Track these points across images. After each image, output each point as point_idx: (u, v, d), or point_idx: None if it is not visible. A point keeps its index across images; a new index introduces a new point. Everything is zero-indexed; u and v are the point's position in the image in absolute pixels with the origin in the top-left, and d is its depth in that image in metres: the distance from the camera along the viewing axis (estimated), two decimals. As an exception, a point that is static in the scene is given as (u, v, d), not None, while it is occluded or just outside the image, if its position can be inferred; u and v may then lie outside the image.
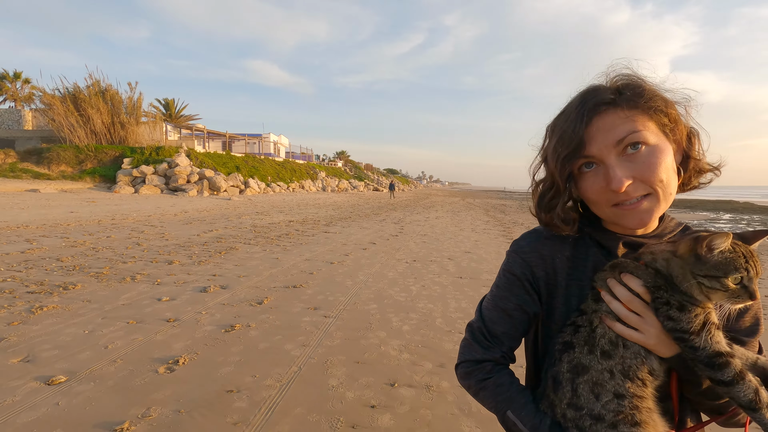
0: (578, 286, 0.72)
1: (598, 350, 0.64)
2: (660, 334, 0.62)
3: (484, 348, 0.75)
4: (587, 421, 0.62)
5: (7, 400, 2.30)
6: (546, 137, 0.73)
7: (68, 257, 6.02)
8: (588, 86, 0.68)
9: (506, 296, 0.76)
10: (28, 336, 3.18)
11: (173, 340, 3.20)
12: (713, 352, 0.58)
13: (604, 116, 0.64)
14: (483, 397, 0.75)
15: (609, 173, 0.64)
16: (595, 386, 0.62)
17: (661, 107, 0.65)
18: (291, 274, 5.53)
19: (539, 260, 0.74)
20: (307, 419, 2.23)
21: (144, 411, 2.24)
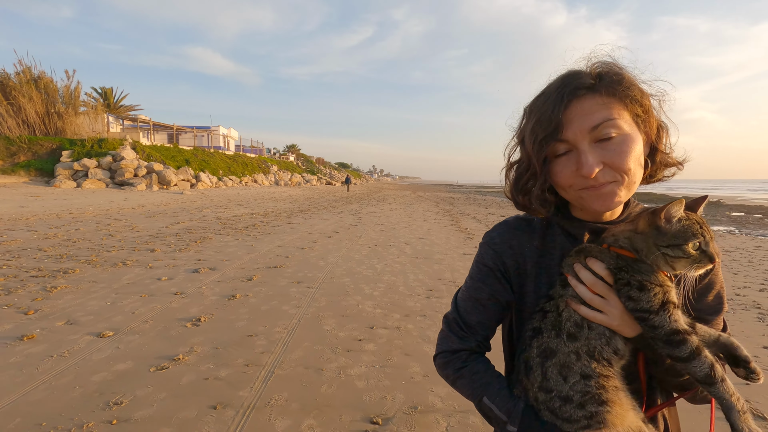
0: (547, 274, 0.74)
1: (564, 333, 0.66)
2: (623, 315, 0.63)
3: (459, 338, 0.77)
4: (557, 402, 0.64)
5: (75, 347, 2.94)
6: (523, 118, 0.72)
7: (49, 248, 6.31)
8: (569, 70, 0.68)
9: (479, 287, 0.77)
10: (58, 308, 3.73)
11: (188, 307, 3.89)
12: (671, 330, 0.60)
13: (583, 101, 0.64)
14: (460, 385, 0.76)
15: (581, 159, 0.64)
16: (563, 368, 0.65)
17: (637, 97, 0.65)
18: (269, 258, 6.24)
19: (509, 250, 0.76)
20: (313, 348, 3.07)
21: (189, 349, 2.98)
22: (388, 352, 3.07)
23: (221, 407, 2.25)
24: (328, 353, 3.00)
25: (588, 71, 0.67)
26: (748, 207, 24.78)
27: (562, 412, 0.64)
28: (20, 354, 2.80)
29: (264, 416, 2.18)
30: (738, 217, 18.65)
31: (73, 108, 25.85)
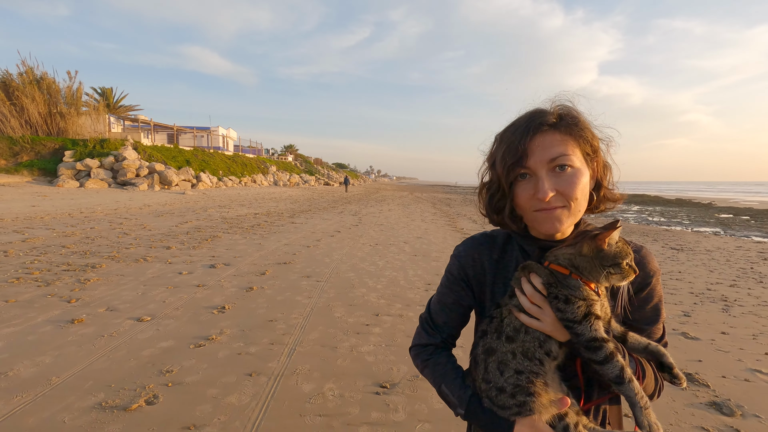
0: (503, 284, 0.86)
1: (503, 336, 0.78)
2: (555, 322, 0.74)
3: (428, 335, 0.92)
4: (494, 392, 0.77)
5: (120, 329, 3.38)
6: (494, 144, 0.83)
7: (71, 245, 6.73)
8: (536, 108, 0.80)
9: (446, 293, 0.90)
10: (96, 297, 4.17)
11: (211, 297, 4.33)
12: (590, 338, 0.71)
13: (545, 135, 0.76)
14: (426, 374, 0.90)
15: (538, 184, 0.75)
16: (500, 364, 0.77)
17: (588, 138, 0.78)
18: (277, 255, 6.69)
19: (471, 262, 0.88)
20: (327, 331, 3.53)
21: (219, 331, 3.42)
22: (393, 334, 3.52)
23: (255, 375, 2.70)
24: (341, 335, 3.45)
25: (551, 111, 0.78)
26: (737, 209, 25.37)
27: (498, 400, 0.76)
28: (75, 334, 3.24)
29: (292, 382, 2.64)
30: (726, 219, 19.20)
31: (75, 108, 26.16)
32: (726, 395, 2.68)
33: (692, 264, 7.42)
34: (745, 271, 6.86)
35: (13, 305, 3.84)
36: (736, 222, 17.50)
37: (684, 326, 4.03)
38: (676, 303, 4.85)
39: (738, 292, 5.43)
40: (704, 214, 21.35)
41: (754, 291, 5.54)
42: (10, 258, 5.67)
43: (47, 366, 2.71)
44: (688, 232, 13.73)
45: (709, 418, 2.42)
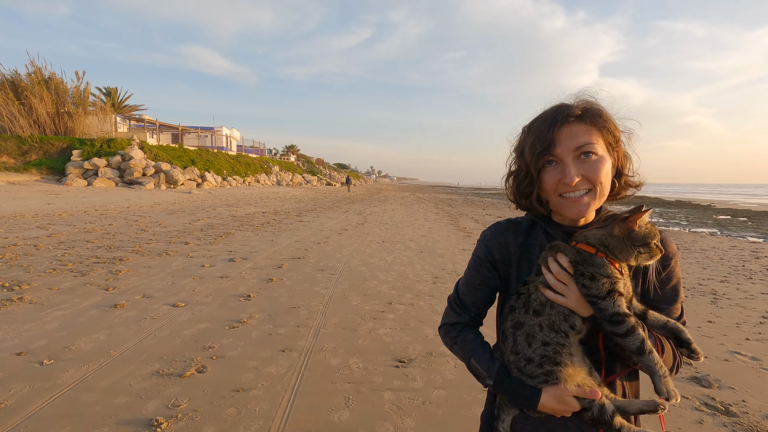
0: (528, 265, 0.92)
1: (531, 310, 0.84)
2: (579, 298, 0.80)
3: (456, 314, 0.99)
4: (522, 362, 0.84)
5: (159, 313, 3.72)
6: (522, 135, 0.90)
7: (94, 240, 7.07)
8: (561, 102, 0.87)
9: (474, 274, 0.97)
10: (130, 286, 4.51)
11: (236, 287, 4.67)
12: (613, 312, 0.76)
13: (572, 125, 0.83)
14: (456, 350, 0.97)
15: (565, 170, 0.82)
16: (528, 337, 0.83)
17: (611, 129, 0.85)
18: (291, 250, 7.03)
19: (498, 245, 0.95)
20: (346, 317, 3.86)
21: (249, 315, 3.76)
22: (406, 320, 3.86)
23: (288, 351, 3.04)
24: (359, 320, 3.79)
25: (576, 104, 0.85)
26: (735, 211, 25.68)
27: (527, 369, 0.82)
28: (120, 317, 3.58)
29: (320, 357, 2.98)
30: (723, 220, 19.52)
31: (83, 108, 26.53)
32: (706, 372, 3.02)
33: (686, 262, 7.74)
34: (737, 269, 7.19)
35: (57, 292, 4.18)
36: (733, 223, 17.82)
37: (674, 316, 4.36)
38: (667, 296, 5.18)
39: (727, 287, 5.76)
40: (702, 216, 21.67)
41: (743, 286, 5.87)
42: (41, 251, 6.02)
43: (103, 342, 3.05)
44: (685, 232, 14.06)
45: (689, 389, 2.76)
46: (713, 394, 2.68)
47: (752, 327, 4.06)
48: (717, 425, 2.33)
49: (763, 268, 7.27)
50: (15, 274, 4.78)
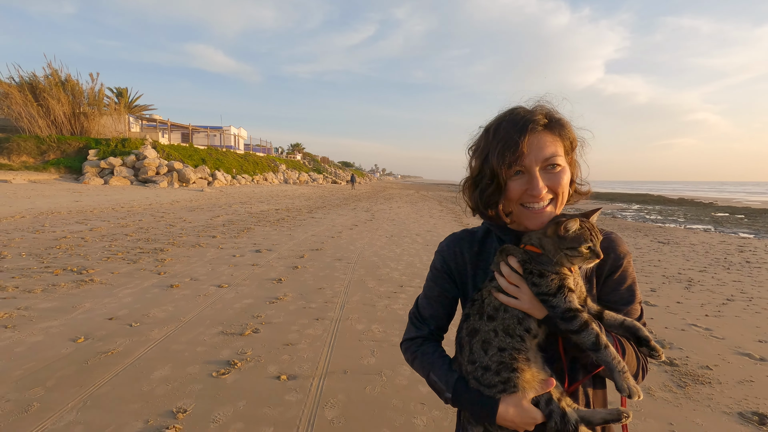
0: (483, 273, 0.93)
1: (485, 316, 0.83)
2: (532, 300, 0.80)
3: (417, 328, 0.99)
4: (479, 371, 0.81)
5: (208, 292, 4.44)
6: (484, 137, 0.88)
7: (131, 233, 7.83)
8: (526, 109, 0.86)
9: (432, 286, 0.98)
10: (177, 271, 5.24)
11: (267, 272, 5.39)
12: (565, 308, 0.76)
13: (539, 135, 0.82)
14: (416, 365, 0.95)
15: (533, 182, 0.82)
16: (484, 344, 0.82)
17: (571, 140, 0.87)
18: (308, 243, 7.74)
19: (453, 256, 0.96)
20: (365, 296, 4.57)
21: (283, 293, 4.47)
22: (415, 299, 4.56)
23: (321, 319, 3.74)
24: (375, 298, 4.49)
25: (540, 111, 0.85)
26: (734, 208, 26.14)
27: (484, 378, 0.81)
28: (178, 294, 4.31)
29: (348, 324, 3.68)
30: (720, 217, 20.04)
31: (97, 109, 27.40)
32: (663, 337, 3.69)
33: (673, 255, 8.38)
34: (718, 260, 7.82)
35: (119, 276, 4.92)
36: (729, 220, 18.35)
37: (648, 298, 5.02)
38: (647, 282, 5.84)
39: (704, 276, 6.40)
40: (701, 213, 22.18)
41: (718, 275, 6.51)
42: (90, 243, 6.77)
43: (171, 312, 3.78)
44: (680, 228, 14.64)
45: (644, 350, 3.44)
46: (666, 355, 3.36)
47: (714, 307, 4.72)
48: (660, 372, 3.01)
49: (743, 260, 7.88)
50: (77, 261, 5.53)
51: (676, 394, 2.69)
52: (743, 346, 3.54)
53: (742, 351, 3.43)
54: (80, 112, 26.80)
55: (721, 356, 3.32)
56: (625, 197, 40.67)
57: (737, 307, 4.70)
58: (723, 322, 4.15)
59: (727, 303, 4.89)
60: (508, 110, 0.88)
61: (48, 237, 7.16)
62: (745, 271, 6.88)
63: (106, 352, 2.90)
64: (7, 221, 8.68)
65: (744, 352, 3.40)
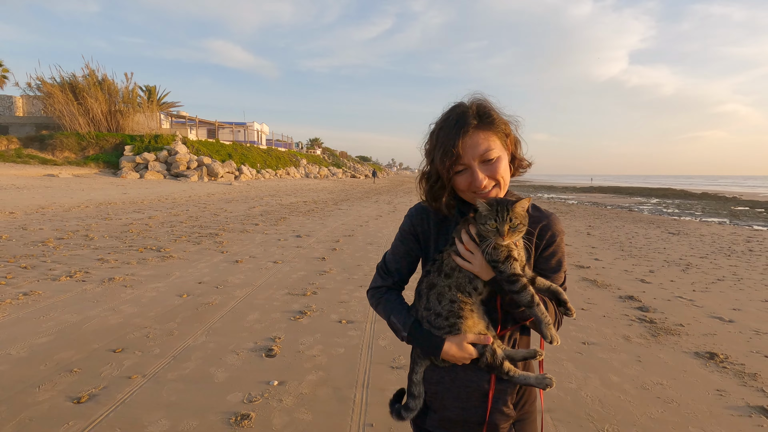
0: (444, 238, 1.08)
1: (443, 274, 1.01)
2: (482, 265, 0.97)
3: (382, 278, 1.14)
4: (432, 316, 1.01)
5: (267, 266, 5.35)
6: (430, 140, 1.04)
7: (185, 221, 8.86)
8: (460, 111, 1.00)
9: (399, 245, 1.14)
10: (236, 251, 6.18)
11: (310, 252, 6.28)
12: (510, 274, 0.95)
13: (472, 135, 0.97)
14: (379, 309, 1.12)
15: (474, 175, 0.98)
16: (439, 296, 1.00)
17: (503, 128, 1.01)
18: (340, 231, 8.63)
19: (420, 221, 1.11)
20: (397, 271, 5.40)
21: (329, 268, 5.35)
22: (440, 274, 5.37)
23: (364, 287, 4.59)
24: (406, 273, 5.32)
25: (471, 110, 1.00)
26: (756, 202, 25.95)
27: (435, 322, 1.01)
28: (244, 267, 5.23)
29: (386, 290, 4.52)
30: (739, 211, 20.12)
31: (132, 107, 28.94)
32: (649, 305, 4.41)
33: (679, 244, 8.95)
34: (722, 249, 8.35)
35: (191, 253, 5.88)
36: (747, 214, 18.46)
37: (645, 277, 5.71)
38: (647, 265, 6.50)
39: (703, 261, 7.01)
40: (720, 207, 22.21)
41: (718, 261, 7.10)
42: (154, 229, 7.81)
43: (244, 280, 4.69)
44: (694, 221, 14.97)
45: (632, 312, 4.17)
46: (648, 316, 4.09)
47: (703, 285, 5.38)
48: (640, 327, 3.76)
49: (746, 249, 8.40)
50: (152, 242, 6.54)
51: (648, 340, 3.44)
52: (717, 312, 4.24)
53: (715, 315, 4.13)
54: (116, 110, 28.37)
55: (695, 318, 4.03)
56: (645, 191, 40.35)
57: (724, 285, 5.35)
58: (707, 296, 4.83)
59: (716, 282, 5.54)
60: (447, 111, 1.03)
61: (117, 223, 8.24)
62: (745, 258, 7.43)
63: (207, 304, 3.82)
64: (78, 210, 9.86)
65: (716, 316, 4.10)
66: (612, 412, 2.34)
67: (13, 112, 30.68)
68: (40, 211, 9.42)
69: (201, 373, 2.56)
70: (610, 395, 2.51)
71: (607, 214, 16.40)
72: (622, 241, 9.00)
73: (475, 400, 1.01)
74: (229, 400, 2.29)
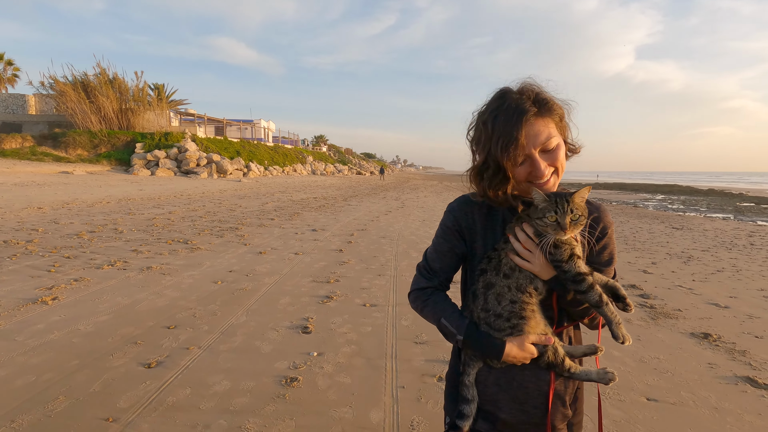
0: (492, 233, 1.04)
1: (501, 273, 0.97)
2: (543, 264, 0.94)
3: (426, 279, 1.08)
4: (492, 318, 0.97)
5: (290, 257, 5.68)
6: (482, 129, 0.97)
7: (203, 216, 9.22)
8: (516, 97, 0.94)
9: (442, 242, 1.07)
10: (257, 243, 6.52)
11: (328, 245, 6.61)
12: (576, 273, 0.91)
13: (533, 124, 0.93)
14: (426, 312, 1.06)
15: (535, 165, 0.94)
16: (498, 296, 0.97)
17: (559, 114, 0.97)
18: (353, 225, 8.96)
19: (464, 216, 1.05)
20: (411, 262, 5.71)
21: (348, 259, 5.68)
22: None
23: (381, 276, 4.92)
24: (420, 264, 5.64)
25: (527, 97, 0.95)
26: (762, 198, 25.99)
27: (495, 324, 0.97)
28: (268, 258, 5.57)
29: (402, 278, 4.83)
30: (744, 206, 20.23)
31: (142, 105, 29.40)
32: (650, 293, 4.70)
33: (682, 238, 9.20)
34: (724, 243, 8.59)
35: (216, 245, 6.24)
36: (753, 210, 18.58)
37: (648, 268, 5.99)
38: (649, 257, 6.78)
39: (704, 254, 7.27)
40: (725, 203, 22.32)
41: (719, 254, 7.36)
42: (176, 223, 8.18)
43: (270, 269, 5.03)
44: (699, 217, 15.15)
45: (634, 299, 4.46)
46: (648, 302, 4.38)
47: (703, 275, 5.66)
48: (641, 311, 4.05)
49: (748, 243, 8.64)
50: (178, 235, 6.91)
51: (648, 322, 3.75)
52: (715, 299, 4.53)
53: (712, 302, 4.42)
54: (127, 108, 28.83)
55: (693, 305, 4.33)
56: (650, 188, 40.35)
57: (723, 276, 5.62)
58: (706, 285, 5.11)
59: (716, 273, 5.81)
60: (497, 97, 0.97)
61: (141, 218, 8.62)
62: (746, 251, 7.67)
63: (241, 289, 4.17)
64: (100, 205, 10.26)
65: (713, 303, 4.39)
66: (613, 379, 2.65)
67: (26, 110, 31.23)
68: (66, 206, 9.83)
69: (248, 346, 2.91)
70: (612, 366, 2.82)
71: (611, 210, 16.62)
72: (627, 235, 9.25)
73: (534, 401, 0.99)
74: (276, 367, 2.62)
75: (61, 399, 2.19)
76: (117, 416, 2.06)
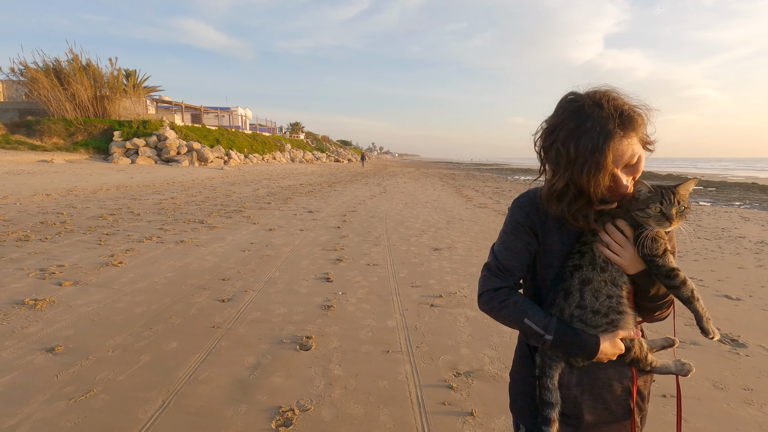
0: (567, 228, 0.99)
1: (598, 267, 0.95)
2: (632, 258, 0.92)
3: (500, 279, 1.01)
4: (589, 315, 0.94)
5: (295, 233, 6.64)
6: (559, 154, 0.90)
7: (205, 200, 9.99)
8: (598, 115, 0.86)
9: (513, 240, 1.02)
10: (264, 223, 7.43)
11: (326, 223, 7.60)
12: (670, 268, 0.90)
13: (617, 144, 0.86)
14: (504, 314, 0.99)
15: (618, 182, 0.90)
16: (596, 292, 0.94)
17: (642, 126, 0.90)
18: (343, 208, 9.94)
19: (536, 210, 1.00)
20: (400, 236, 6.78)
21: (347, 233, 6.69)
22: (435, 237, 6.78)
23: (377, 245, 5.96)
24: (408, 236, 6.71)
25: (610, 114, 0.86)
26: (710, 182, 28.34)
27: (592, 321, 0.94)
28: (278, 234, 6.52)
29: (396, 246, 5.89)
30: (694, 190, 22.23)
31: (119, 93, 29.06)
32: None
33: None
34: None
35: (229, 224, 7.12)
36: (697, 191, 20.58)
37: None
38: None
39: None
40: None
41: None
42: (183, 207, 8.95)
43: (283, 242, 5.99)
44: (651, 199, 16.84)
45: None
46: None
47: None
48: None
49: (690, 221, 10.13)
50: (191, 216, 7.73)
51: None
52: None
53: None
54: (102, 96, 28.48)
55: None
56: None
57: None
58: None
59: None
60: (573, 111, 0.89)
61: (148, 203, 9.34)
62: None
63: (267, 255, 5.13)
64: (102, 192, 10.84)
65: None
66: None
67: (-7, 97, 30.29)
68: (71, 193, 10.38)
69: (290, 289, 3.91)
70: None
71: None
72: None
73: (619, 399, 0.99)
74: (315, 300, 3.65)
75: (174, 318, 3.16)
76: (219, 325, 3.05)
